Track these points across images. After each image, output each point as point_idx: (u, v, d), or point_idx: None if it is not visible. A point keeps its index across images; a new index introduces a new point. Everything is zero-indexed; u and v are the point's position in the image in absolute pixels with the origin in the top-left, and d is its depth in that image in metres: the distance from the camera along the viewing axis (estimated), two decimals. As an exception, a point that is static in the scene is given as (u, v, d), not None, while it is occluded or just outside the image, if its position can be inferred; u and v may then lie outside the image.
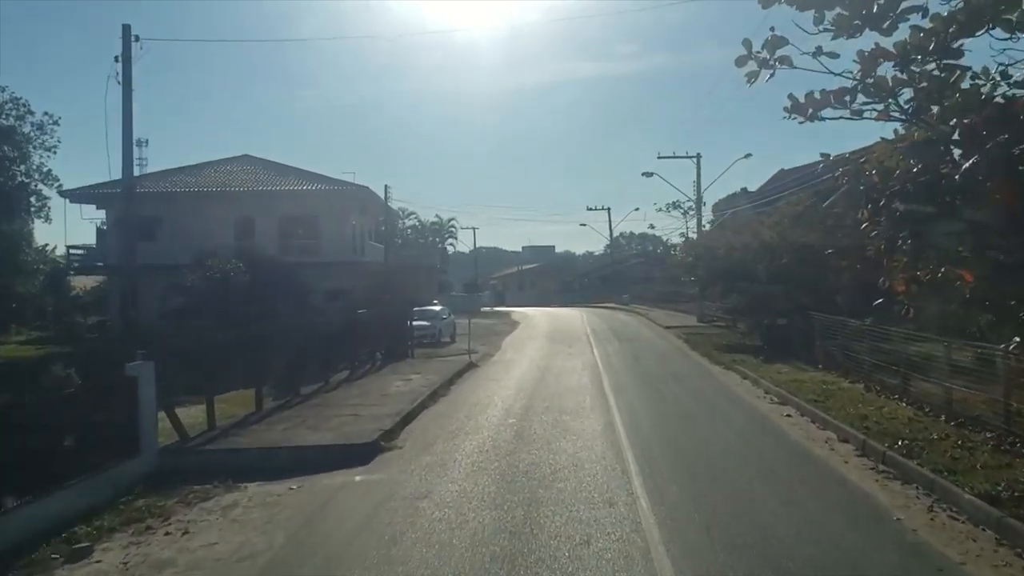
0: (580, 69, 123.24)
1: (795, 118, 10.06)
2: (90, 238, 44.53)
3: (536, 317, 49.77)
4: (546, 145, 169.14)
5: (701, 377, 19.38)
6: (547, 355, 25.09)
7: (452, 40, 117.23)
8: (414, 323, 29.67)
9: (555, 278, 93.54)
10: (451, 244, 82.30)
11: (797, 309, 26.23)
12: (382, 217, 44.14)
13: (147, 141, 58.11)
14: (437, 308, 31.97)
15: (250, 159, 39.18)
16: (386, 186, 37.28)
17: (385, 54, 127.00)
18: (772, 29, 7.99)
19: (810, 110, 9.97)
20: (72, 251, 36.52)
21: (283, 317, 25.73)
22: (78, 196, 36.00)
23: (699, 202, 39.48)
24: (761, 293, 27.41)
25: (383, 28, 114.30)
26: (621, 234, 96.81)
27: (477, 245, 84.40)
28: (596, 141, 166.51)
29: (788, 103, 9.89)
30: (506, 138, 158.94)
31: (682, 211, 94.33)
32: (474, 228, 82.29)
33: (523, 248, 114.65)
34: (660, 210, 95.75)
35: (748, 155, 39.04)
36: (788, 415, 14.09)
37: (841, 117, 10.34)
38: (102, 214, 36.72)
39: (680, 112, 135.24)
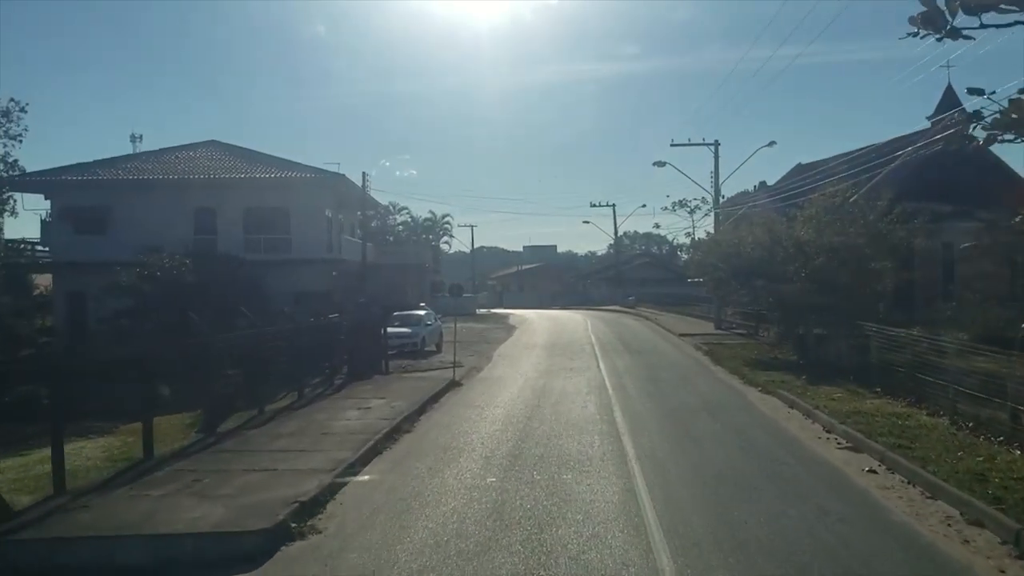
0: (584, 66, 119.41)
1: (924, 34, 6.28)
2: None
3: (535, 321, 45.90)
4: (548, 144, 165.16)
5: (737, 405, 15.47)
6: (545, 371, 21.19)
7: (454, 37, 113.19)
8: (393, 330, 25.82)
9: (556, 279, 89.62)
10: (446, 243, 78.19)
11: (836, 317, 22.52)
12: (371, 211, 40.38)
13: (141, 136, 53.74)
14: (421, 313, 28.07)
15: (217, 145, 35.24)
16: (364, 173, 33.22)
17: (391, 50, 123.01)
18: None
19: (958, 15, 6.19)
20: (11, 245, 32.66)
21: (238, 323, 21.94)
22: (18, 184, 32.22)
23: (717, 194, 35.58)
24: (794, 298, 23.59)
25: (385, 25, 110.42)
26: (625, 233, 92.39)
27: (479, 245, 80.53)
28: (599, 140, 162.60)
29: (917, 11, 6.15)
30: (507, 137, 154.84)
31: (689, 209, 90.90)
32: (472, 226, 77.78)
33: (524, 248, 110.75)
34: (666, 208, 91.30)
35: (772, 143, 35.11)
36: (871, 470, 10.20)
37: (1015, 23, 6.52)
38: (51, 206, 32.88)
39: (686, 111, 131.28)
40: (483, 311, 60.01)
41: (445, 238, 77.18)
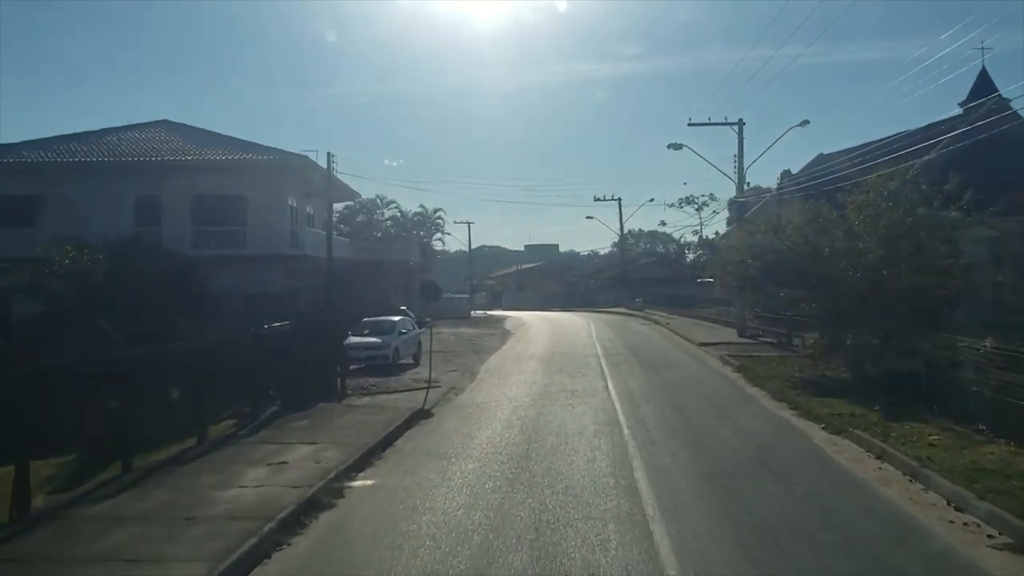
0: (587, 66, 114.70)
1: None
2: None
3: (534, 326, 41.61)
4: (551, 143, 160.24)
5: (804, 456, 11.13)
6: (540, 394, 16.89)
7: (455, 37, 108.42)
8: (358, 340, 21.73)
9: (558, 279, 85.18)
10: (439, 239, 73.54)
11: (900, 325, 18.41)
12: (354, 203, 36.11)
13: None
14: (395, 319, 23.71)
15: (168, 125, 30.90)
16: (329, 154, 28.52)
17: (392, 50, 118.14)
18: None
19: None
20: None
21: (173, 331, 17.76)
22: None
23: (741, 181, 31.15)
24: (845, 301, 19.43)
25: (387, 24, 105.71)
26: (629, 231, 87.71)
27: (480, 244, 76.10)
28: (602, 140, 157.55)
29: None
30: (509, 136, 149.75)
31: (696, 206, 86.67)
32: (469, 223, 73.21)
33: (525, 247, 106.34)
34: (672, 205, 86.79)
35: (805, 122, 30.80)
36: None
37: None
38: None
39: (690, 109, 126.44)
40: (479, 314, 55.76)
41: (438, 235, 72.54)
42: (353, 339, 21.80)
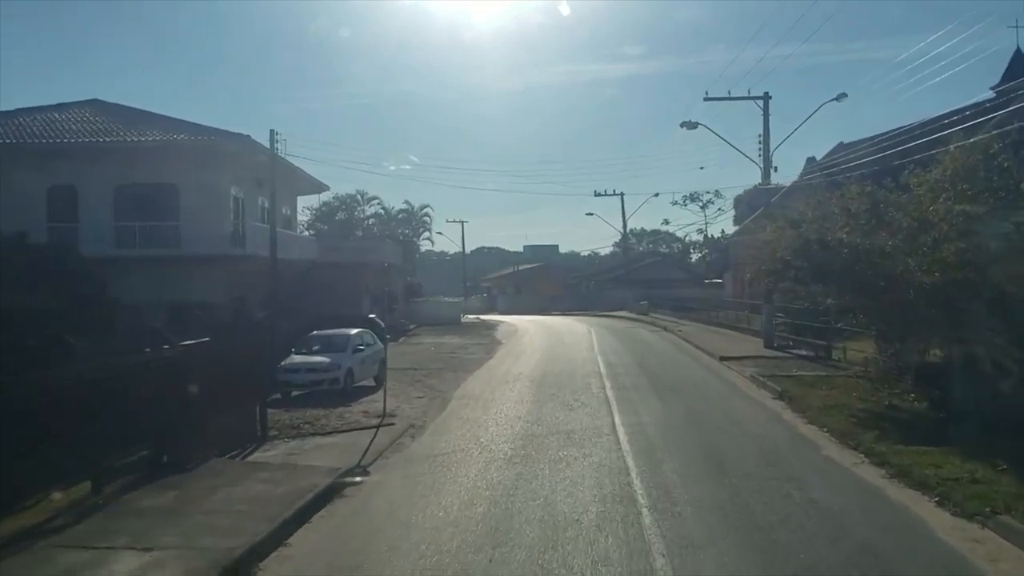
0: (590, 66, 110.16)
1: None
2: None
3: (528, 333, 37.30)
4: (552, 143, 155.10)
5: (942, 573, 6.86)
6: (524, 440, 12.56)
7: (456, 38, 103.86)
8: (301, 360, 17.65)
9: (557, 280, 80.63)
10: (427, 239, 69.17)
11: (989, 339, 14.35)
12: (330, 197, 31.81)
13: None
14: (352, 332, 19.26)
15: (97, 105, 26.60)
16: (272, 131, 24.15)
17: (393, 50, 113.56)
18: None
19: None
20: None
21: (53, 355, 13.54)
22: None
23: (767, 164, 26.75)
24: (916, 305, 15.38)
25: (386, 24, 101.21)
26: (631, 231, 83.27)
27: (479, 245, 71.77)
28: (603, 140, 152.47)
29: None
30: (510, 136, 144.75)
31: (701, 204, 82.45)
32: (462, 221, 68.80)
33: (524, 248, 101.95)
34: (676, 204, 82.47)
35: (842, 95, 26.57)
36: None
37: None
38: None
39: (693, 109, 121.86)
40: (471, 318, 51.45)
41: (426, 234, 68.12)
42: (296, 358, 17.60)
